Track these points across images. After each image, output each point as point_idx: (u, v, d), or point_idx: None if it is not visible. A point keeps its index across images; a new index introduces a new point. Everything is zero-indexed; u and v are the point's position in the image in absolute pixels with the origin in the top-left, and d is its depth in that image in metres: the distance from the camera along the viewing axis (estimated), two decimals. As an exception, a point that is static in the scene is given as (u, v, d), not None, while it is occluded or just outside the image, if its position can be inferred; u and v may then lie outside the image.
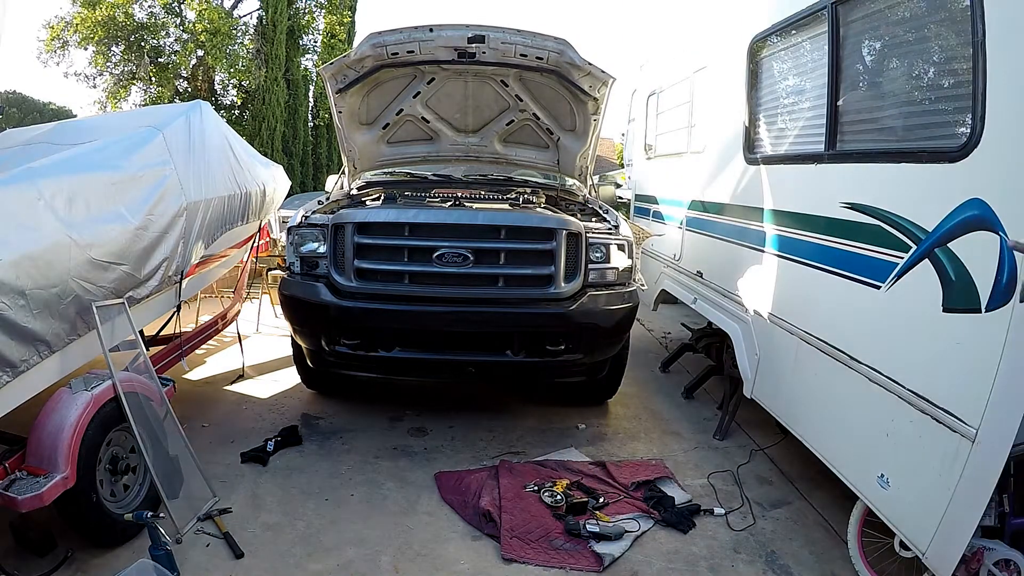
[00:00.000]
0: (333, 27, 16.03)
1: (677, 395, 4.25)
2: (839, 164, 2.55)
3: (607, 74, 3.59)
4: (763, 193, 3.13)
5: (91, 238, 2.45)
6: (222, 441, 3.35)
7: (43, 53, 14.12)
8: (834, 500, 2.80)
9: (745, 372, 3.30)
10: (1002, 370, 1.70)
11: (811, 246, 2.67)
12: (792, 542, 2.62)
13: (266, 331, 5.61)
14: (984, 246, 1.76)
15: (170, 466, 2.55)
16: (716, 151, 3.85)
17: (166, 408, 2.70)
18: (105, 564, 2.29)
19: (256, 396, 4.04)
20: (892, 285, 2.14)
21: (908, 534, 2.06)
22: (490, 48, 3.54)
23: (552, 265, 3.04)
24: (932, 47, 2.16)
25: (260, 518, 2.67)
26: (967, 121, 1.85)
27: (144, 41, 14.12)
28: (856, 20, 2.48)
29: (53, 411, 2.23)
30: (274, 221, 7.00)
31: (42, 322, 2.20)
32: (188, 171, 3.24)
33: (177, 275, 3.17)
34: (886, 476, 2.14)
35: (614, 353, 3.45)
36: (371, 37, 3.54)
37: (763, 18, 3.20)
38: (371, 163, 4.41)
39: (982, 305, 1.77)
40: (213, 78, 15.69)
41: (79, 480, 2.17)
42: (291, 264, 3.22)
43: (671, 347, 5.13)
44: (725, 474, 3.16)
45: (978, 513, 1.82)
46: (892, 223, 2.14)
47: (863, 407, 2.30)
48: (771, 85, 3.23)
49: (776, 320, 2.98)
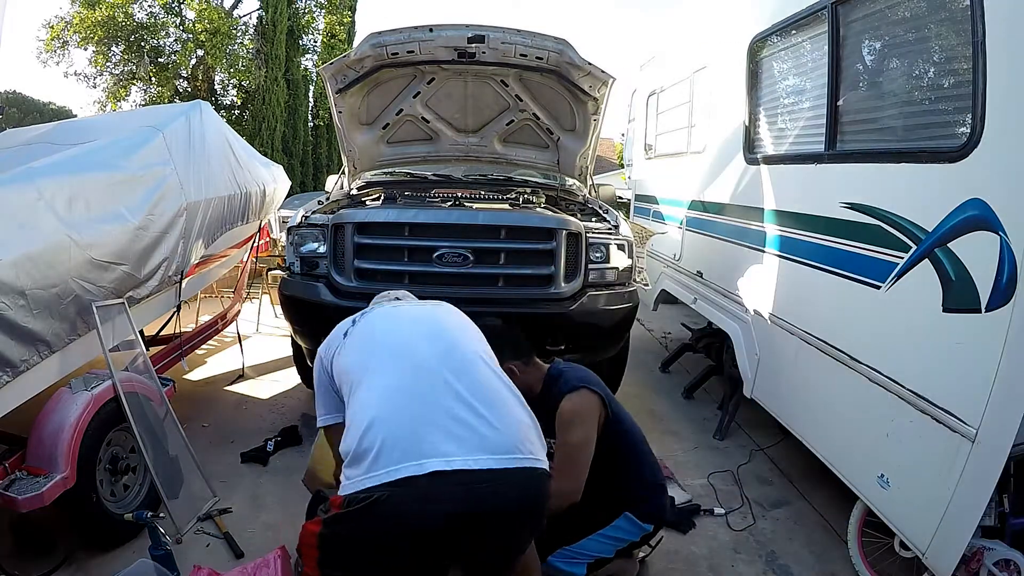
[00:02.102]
0: (333, 27, 16.04)
1: (677, 395, 4.25)
2: (839, 164, 2.55)
3: (607, 74, 3.59)
4: (763, 193, 3.13)
5: (91, 238, 2.44)
6: (222, 441, 3.35)
7: (43, 53, 14.15)
8: (834, 500, 2.79)
9: (745, 372, 3.30)
10: (1002, 370, 1.70)
11: (811, 246, 2.67)
12: (792, 542, 2.62)
13: (266, 331, 5.62)
14: (984, 246, 1.76)
15: (170, 466, 2.55)
16: (716, 151, 3.85)
17: (166, 408, 2.70)
18: (105, 564, 2.29)
19: (256, 396, 4.04)
20: (892, 285, 2.14)
21: (908, 534, 2.06)
22: (490, 48, 3.54)
23: (552, 265, 3.03)
24: (932, 47, 2.16)
25: (260, 518, 2.67)
26: (967, 121, 1.85)
27: (144, 41, 14.13)
28: (856, 20, 2.48)
29: (53, 411, 2.23)
30: (274, 221, 7.00)
31: (42, 322, 2.20)
32: (188, 171, 3.24)
33: (177, 275, 3.16)
34: (886, 476, 2.14)
35: (614, 353, 3.45)
36: (371, 37, 3.53)
37: (763, 18, 3.19)
38: (371, 163, 4.41)
39: (982, 305, 1.77)
40: (213, 78, 15.71)
41: (79, 480, 2.17)
42: (291, 264, 3.22)
43: (671, 347, 5.13)
44: (725, 474, 3.15)
45: (978, 513, 1.82)
46: (892, 223, 2.14)
47: (863, 407, 2.31)
48: (771, 85, 3.23)
49: (776, 320, 2.98)
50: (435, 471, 1.31)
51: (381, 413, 1.42)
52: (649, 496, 2.11)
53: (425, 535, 1.34)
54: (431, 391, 1.47)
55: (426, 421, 1.40)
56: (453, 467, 1.33)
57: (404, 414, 1.43)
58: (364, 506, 1.31)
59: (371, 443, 1.37)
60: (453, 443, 1.37)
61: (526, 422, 1.53)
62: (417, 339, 1.63)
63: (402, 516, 1.31)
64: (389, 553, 1.37)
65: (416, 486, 1.30)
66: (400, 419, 1.42)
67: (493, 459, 1.37)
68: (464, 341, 1.66)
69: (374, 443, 1.36)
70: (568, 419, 1.96)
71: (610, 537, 2.05)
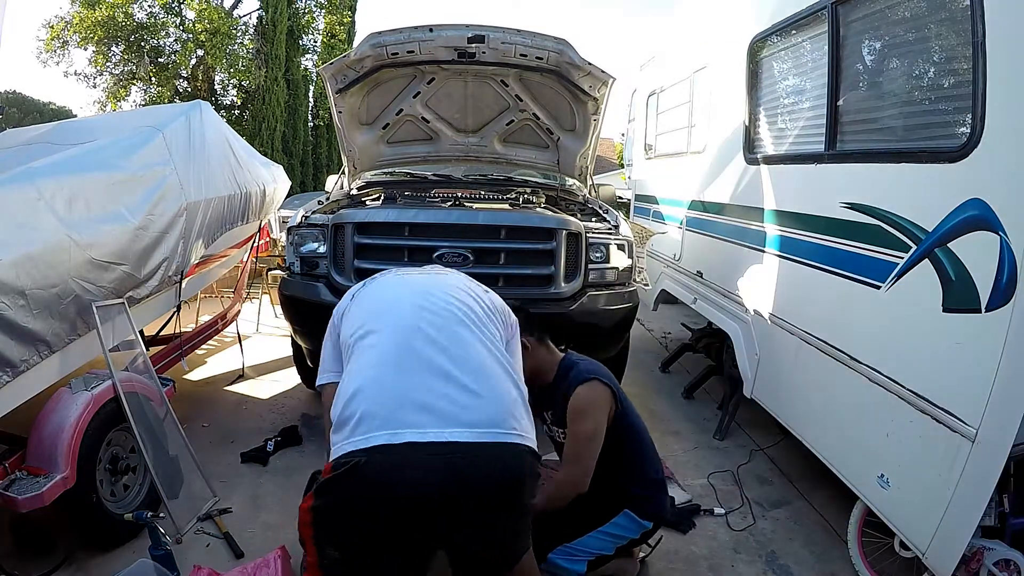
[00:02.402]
0: (333, 27, 16.05)
1: (677, 395, 4.25)
2: (839, 164, 2.55)
3: (607, 74, 3.59)
4: (763, 193, 3.13)
5: (91, 238, 2.44)
6: (222, 441, 3.35)
7: (43, 53, 14.14)
8: (834, 500, 2.80)
9: (745, 372, 3.30)
10: (1002, 370, 1.70)
11: (811, 246, 2.67)
12: (792, 542, 2.62)
13: (266, 331, 5.61)
14: (984, 246, 1.76)
15: (170, 466, 2.54)
16: (716, 151, 3.85)
17: (166, 408, 2.70)
18: (105, 564, 2.28)
19: (256, 396, 4.04)
20: (892, 285, 2.14)
21: (908, 534, 2.06)
22: (490, 48, 3.54)
23: (552, 265, 3.03)
24: (932, 47, 2.16)
25: (260, 518, 2.67)
26: (967, 121, 1.85)
27: (144, 41, 14.13)
28: (856, 20, 2.48)
29: (53, 411, 2.23)
30: (274, 221, 7.00)
31: (42, 322, 2.20)
32: (188, 171, 3.24)
33: (177, 275, 3.16)
34: (886, 476, 2.14)
35: (614, 353, 3.45)
36: (371, 37, 3.53)
37: (763, 18, 3.19)
38: (371, 163, 4.41)
39: (982, 305, 1.77)
40: (213, 78, 15.71)
41: (79, 480, 2.17)
42: (291, 264, 3.22)
43: (671, 347, 5.13)
44: (725, 474, 3.16)
45: (978, 513, 1.82)
46: (892, 223, 2.14)
47: (863, 407, 2.31)
48: (771, 85, 3.23)
49: (776, 320, 2.98)
50: (411, 441, 1.34)
51: (365, 383, 1.45)
52: (651, 494, 2.12)
53: (401, 503, 1.34)
54: (417, 362, 1.48)
55: (408, 390, 1.42)
56: (427, 439, 1.35)
57: (386, 383, 1.45)
58: (346, 470, 1.34)
59: (353, 411, 1.40)
60: (430, 414, 1.38)
61: (512, 396, 1.51)
62: (413, 308, 1.62)
63: (379, 481, 1.34)
64: (370, 520, 1.37)
65: (392, 453, 1.33)
66: (382, 388, 1.44)
67: (471, 432, 1.38)
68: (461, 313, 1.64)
69: (356, 411, 1.40)
70: (580, 409, 1.98)
71: (610, 534, 2.06)
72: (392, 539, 1.39)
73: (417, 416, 1.38)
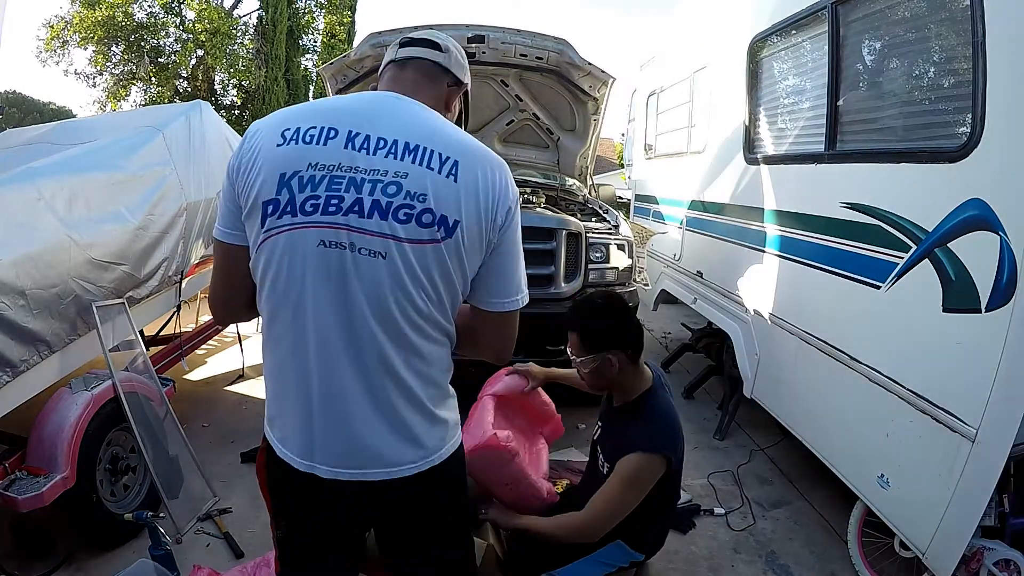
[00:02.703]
0: (333, 27, 16.05)
1: (677, 395, 4.25)
2: (839, 164, 2.55)
3: (607, 74, 3.59)
4: (763, 193, 3.13)
5: (91, 238, 2.44)
6: (222, 441, 3.35)
7: (43, 53, 14.15)
8: (834, 500, 2.80)
9: (745, 372, 3.30)
10: (1002, 370, 1.70)
11: (811, 246, 2.67)
12: (792, 542, 2.62)
13: (266, 331, 5.61)
14: (984, 246, 1.76)
15: (170, 466, 2.54)
16: (716, 151, 3.85)
17: (166, 408, 2.70)
18: (105, 564, 2.28)
19: (256, 396, 4.04)
20: (892, 285, 2.14)
21: (908, 534, 2.06)
22: (490, 48, 3.54)
23: (552, 265, 3.04)
24: (932, 47, 2.16)
25: (260, 518, 2.67)
26: (967, 121, 1.85)
27: (144, 41, 14.14)
28: (856, 20, 2.48)
29: (53, 411, 2.23)
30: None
31: (42, 322, 2.20)
32: (188, 171, 3.24)
33: (177, 275, 3.16)
34: (886, 476, 2.14)
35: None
36: (371, 37, 3.54)
37: (763, 18, 3.20)
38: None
39: (982, 305, 1.77)
40: (213, 78, 15.71)
41: (79, 480, 2.17)
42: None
43: (671, 347, 5.13)
44: (725, 474, 3.16)
45: (978, 513, 1.82)
46: (892, 223, 2.14)
47: (863, 407, 2.31)
48: (771, 85, 3.23)
49: (776, 320, 2.98)
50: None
51: (273, 398, 1.23)
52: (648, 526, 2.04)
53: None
54: (320, 380, 1.14)
55: (310, 411, 1.15)
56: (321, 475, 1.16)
57: (288, 402, 1.19)
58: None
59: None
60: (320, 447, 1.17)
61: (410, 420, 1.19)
62: (322, 303, 1.09)
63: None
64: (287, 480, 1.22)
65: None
66: (287, 408, 1.20)
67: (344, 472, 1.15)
68: (370, 314, 1.11)
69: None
70: (629, 475, 1.81)
71: (599, 562, 2.02)
72: (306, 504, 1.24)
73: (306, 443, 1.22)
